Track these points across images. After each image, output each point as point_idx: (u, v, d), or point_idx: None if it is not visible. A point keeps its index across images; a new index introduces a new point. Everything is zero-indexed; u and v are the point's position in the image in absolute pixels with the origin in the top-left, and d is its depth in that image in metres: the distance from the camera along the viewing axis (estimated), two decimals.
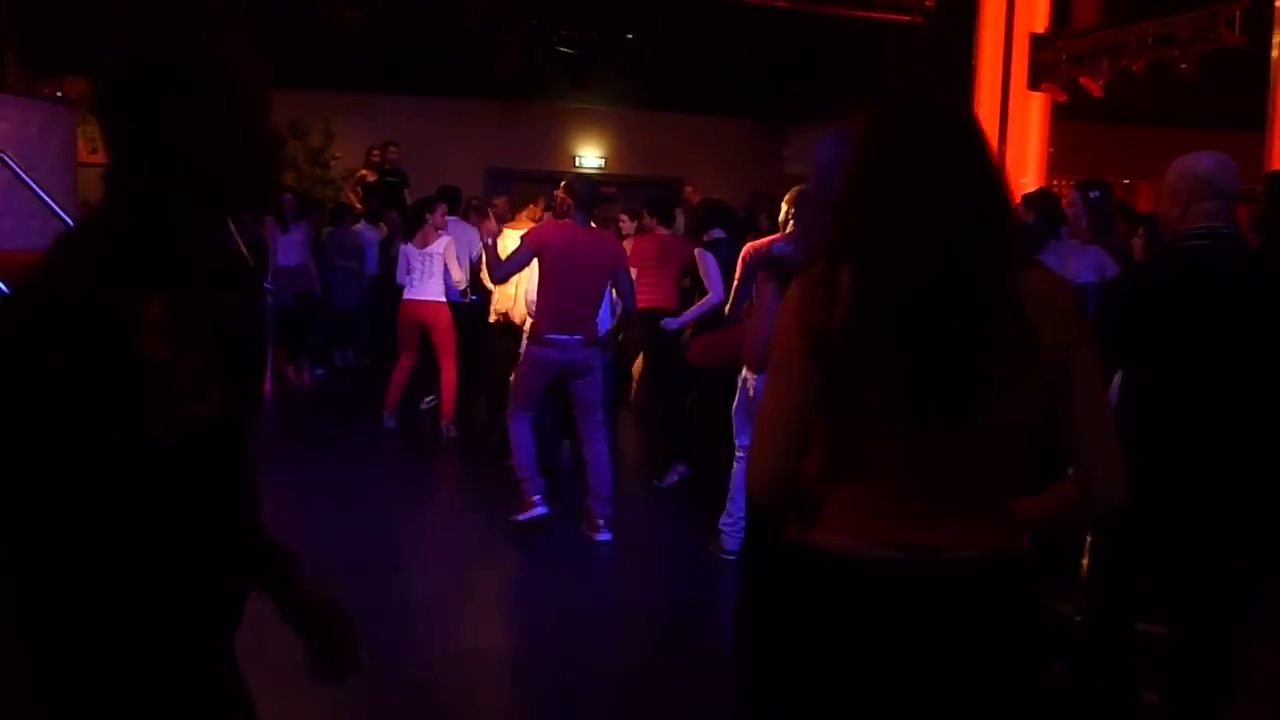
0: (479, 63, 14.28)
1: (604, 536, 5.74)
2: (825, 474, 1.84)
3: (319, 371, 10.63)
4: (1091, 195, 5.56)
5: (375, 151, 12.71)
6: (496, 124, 15.61)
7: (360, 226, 11.46)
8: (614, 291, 6.04)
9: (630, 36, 14.48)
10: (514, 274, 5.89)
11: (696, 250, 6.73)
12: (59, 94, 11.81)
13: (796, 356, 1.76)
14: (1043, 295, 1.75)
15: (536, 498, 5.70)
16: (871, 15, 11.47)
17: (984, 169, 1.81)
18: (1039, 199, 6.09)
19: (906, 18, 11.49)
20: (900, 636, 1.75)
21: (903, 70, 11.50)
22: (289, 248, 10.46)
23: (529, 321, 6.28)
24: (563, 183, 5.94)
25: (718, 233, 6.84)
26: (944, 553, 1.75)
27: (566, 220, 5.81)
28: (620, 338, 6.63)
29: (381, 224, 11.48)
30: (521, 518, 5.71)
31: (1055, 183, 9.75)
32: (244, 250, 10.35)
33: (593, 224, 5.95)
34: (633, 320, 5.82)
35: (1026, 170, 9.68)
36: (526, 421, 5.78)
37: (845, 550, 1.78)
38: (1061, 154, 10.40)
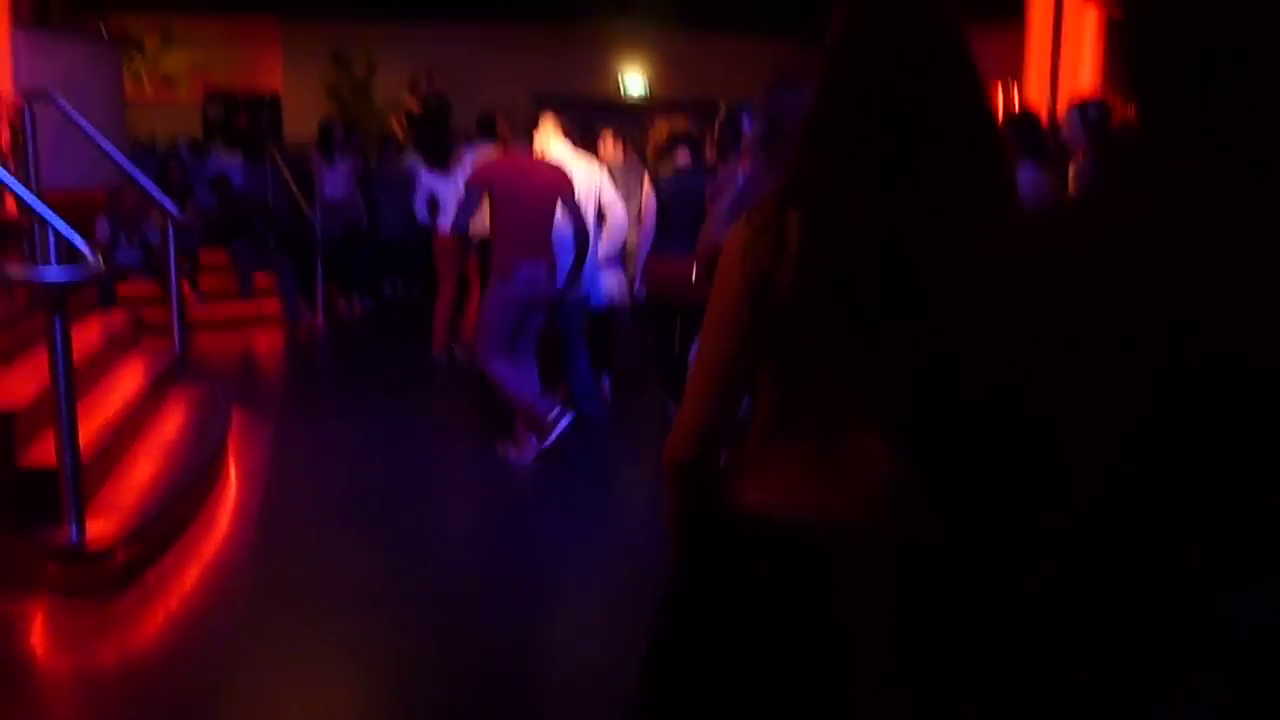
0: None
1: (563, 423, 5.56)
2: (764, 431, 1.65)
3: (368, 302, 10.71)
4: (1089, 115, 5.38)
5: (418, 80, 12.65)
6: (540, 49, 15.47)
7: (405, 157, 11.43)
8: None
9: None
10: (470, 216, 5.59)
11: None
12: (104, 32, 11.86)
13: (738, 306, 1.56)
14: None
15: (554, 411, 5.52)
16: None
17: (976, 97, 1.56)
18: (1017, 119, 6.07)
19: None
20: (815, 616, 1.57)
21: None
22: (335, 180, 10.48)
23: None
24: (499, 112, 5.71)
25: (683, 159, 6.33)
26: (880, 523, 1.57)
27: (509, 151, 5.59)
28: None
29: (424, 154, 11.43)
30: (549, 441, 5.52)
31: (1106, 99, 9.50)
32: (293, 186, 10.44)
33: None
34: (585, 246, 5.61)
35: (1081, 85, 9.45)
36: (500, 359, 5.57)
37: (782, 514, 1.59)
38: (1119, 68, 10.12)
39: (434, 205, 8.55)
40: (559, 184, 5.53)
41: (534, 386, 5.63)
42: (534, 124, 5.61)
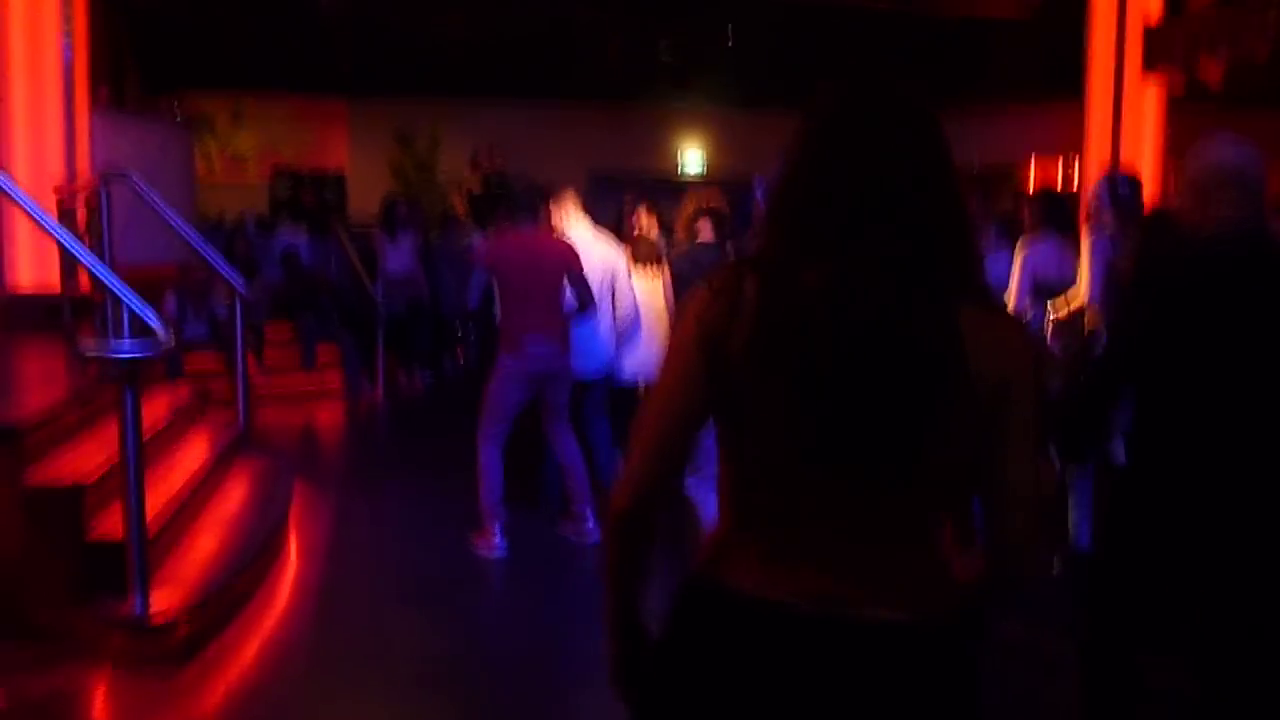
0: (582, 66, 14.40)
1: (591, 529, 5.61)
2: (731, 509, 1.63)
3: (428, 376, 10.79)
4: (1120, 189, 5.29)
5: (482, 157, 12.85)
6: (600, 127, 15.69)
7: (466, 233, 11.59)
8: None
9: (730, 39, 14.43)
10: (479, 294, 5.90)
11: None
12: (177, 113, 12.22)
13: (688, 362, 1.57)
14: (984, 329, 1.52)
15: (497, 532, 5.51)
16: (975, 14, 11.24)
17: (942, 182, 1.56)
18: (1039, 194, 6.37)
19: (1013, 14, 11.23)
20: (795, 698, 1.53)
21: (1009, 67, 11.27)
22: (398, 256, 10.63)
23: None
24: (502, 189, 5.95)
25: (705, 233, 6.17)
26: (854, 608, 1.53)
27: (514, 231, 5.69)
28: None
29: (488, 229, 11.59)
30: (481, 548, 5.50)
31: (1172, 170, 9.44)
32: (356, 261, 10.60)
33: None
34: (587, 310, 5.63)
35: (1143, 158, 9.38)
36: (495, 447, 5.58)
37: (757, 591, 1.55)
38: (1180, 140, 10.05)
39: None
40: (564, 258, 5.56)
41: (498, 490, 5.54)
42: (536, 203, 5.71)
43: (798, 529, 1.55)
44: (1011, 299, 5.68)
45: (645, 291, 6.19)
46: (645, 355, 6.33)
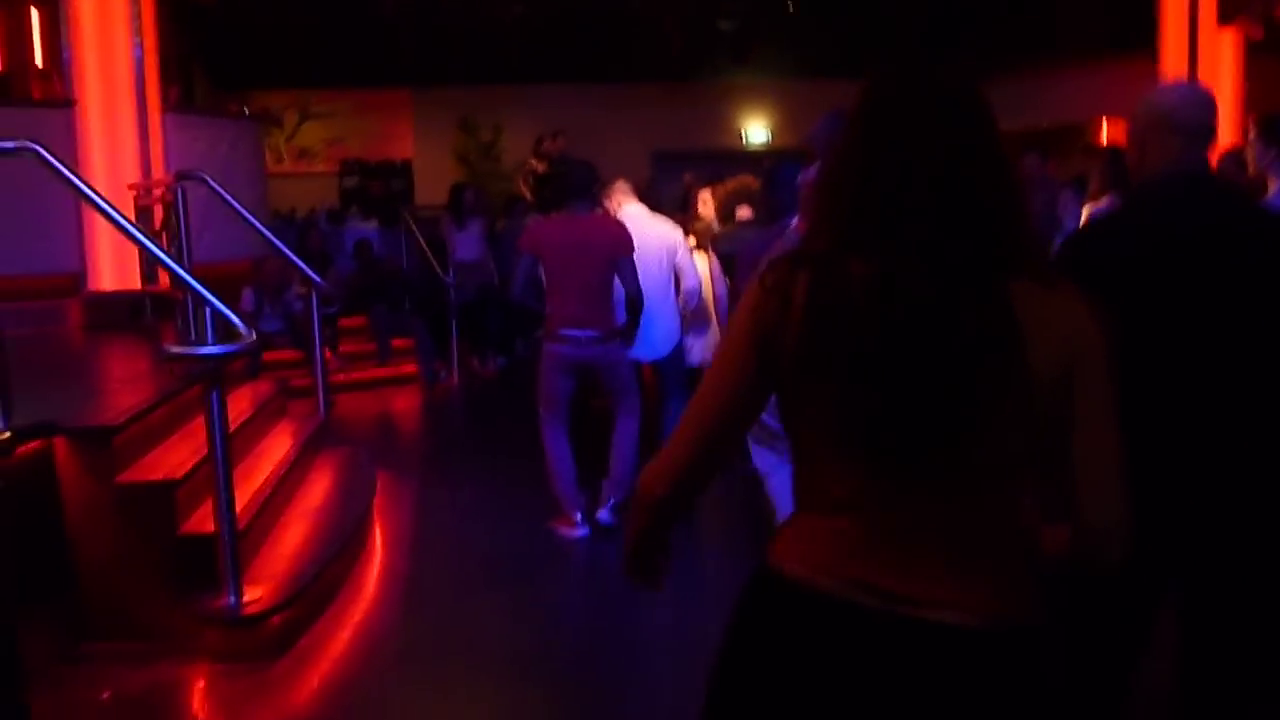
0: (642, 45, 14.34)
1: (604, 516, 5.48)
2: (798, 501, 1.64)
3: (501, 360, 10.85)
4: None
5: (544, 141, 12.87)
6: (662, 105, 15.63)
7: (532, 218, 11.61)
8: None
9: (791, 7, 14.27)
10: (522, 282, 5.58)
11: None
12: (245, 109, 12.37)
13: (740, 359, 1.57)
14: (1042, 312, 1.49)
15: (577, 516, 5.49)
16: None
17: (986, 161, 1.53)
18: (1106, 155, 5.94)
19: None
20: (863, 694, 1.51)
21: (1078, 23, 10.99)
22: (466, 243, 10.69)
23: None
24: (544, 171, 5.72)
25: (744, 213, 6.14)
26: (925, 609, 1.49)
27: (562, 214, 5.57)
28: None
29: (555, 213, 11.62)
30: (560, 531, 5.50)
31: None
32: (426, 248, 10.68)
33: (601, 208, 5.75)
34: (637, 309, 5.41)
35: (1221, 110, 9.13)
36: (559, 429, 5.54)
37: (825, 585, 1.54)
38: (1258, 92, 9.76)
39: None
40: (614, 243, 5.35)
41: (569, 476, 5.53)
42: (587, 184, 5.53)
43: (862, 522, 1.53)
44: None
45: (701, 274, 6.16)
46: (704, 338, 6.31)
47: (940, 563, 1.51)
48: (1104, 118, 14.24)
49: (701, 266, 6.16)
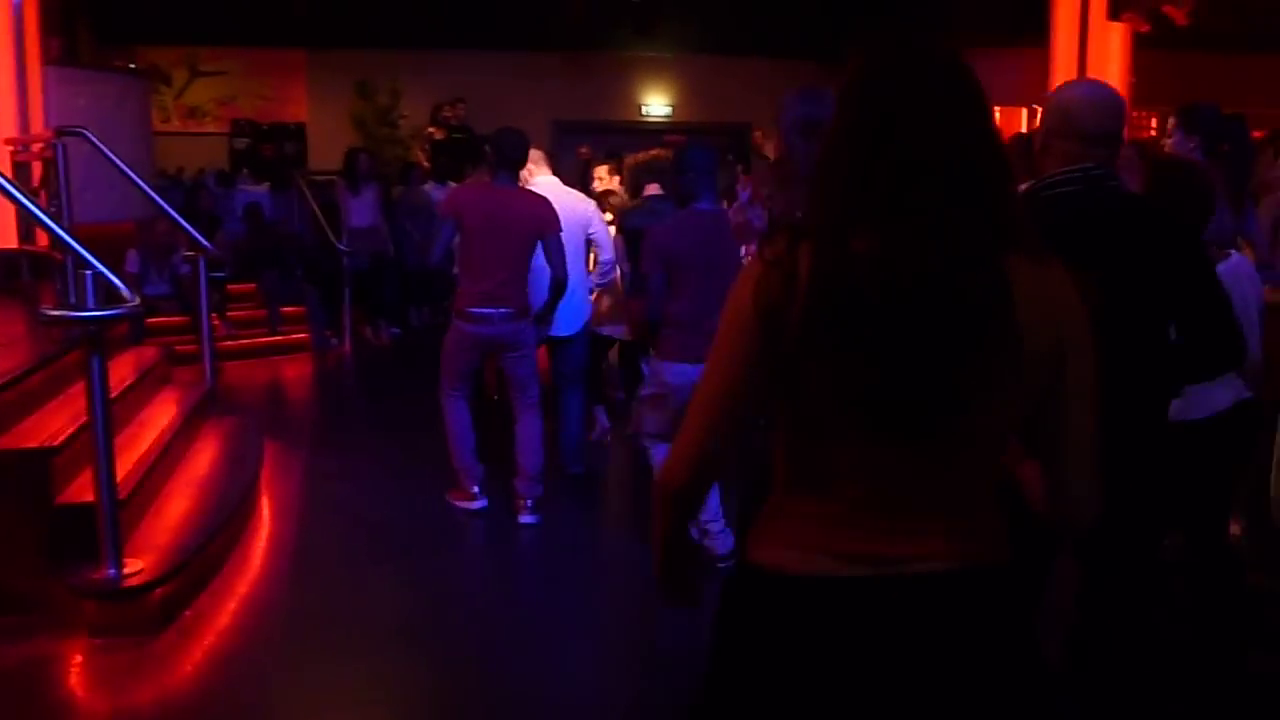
0: (544, 14, 14.20)
1: (528, 519, 5.24)
2: (783, 482, 1.65)
3: (395, 330, 10.72)
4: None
5: (444, 108, 12.71)
6: (563, 75, 15.52)
7: (428, 186, 11.48)
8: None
9: None
10: (444, 249, 5.28)
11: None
12: (132, 65, 11.97)
13: (747, 336, 1.56)
14: (1035, 286, 1.53)
15: (475, 488, 5.38)
16: None
17: (982, 132, 1.57)
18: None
19: None
20: (866, 660, 1.56)
21: (976, 6, 11.19)
22: (360, 209, 10.52)
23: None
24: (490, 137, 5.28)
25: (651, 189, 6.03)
26: (911, 565, 1.56)
27: (487, 180, 5.31)
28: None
29: (451, 182, 11.50)
30: (458, 504, 5.41)
31: (1137, 116, 9.45)
32: (319, 213, 10.48)
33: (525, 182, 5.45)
34: (560, 292, 5.19)
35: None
36: (460, 401, 5.35)
37: (801, 568, 1.59)
38: (1144, 86, 10.06)
39: None
40: (539, 221, 5.09)
41: (469, 446, 5.38)
42: (519, 154, 5.22)
43: (855, 495, 1.57)
44: None
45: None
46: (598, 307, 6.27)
47: (929, 523, 1.58)
48: (996, 107, 14.56)
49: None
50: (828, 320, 1.50)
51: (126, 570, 3.91)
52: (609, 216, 6.38)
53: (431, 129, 12.68)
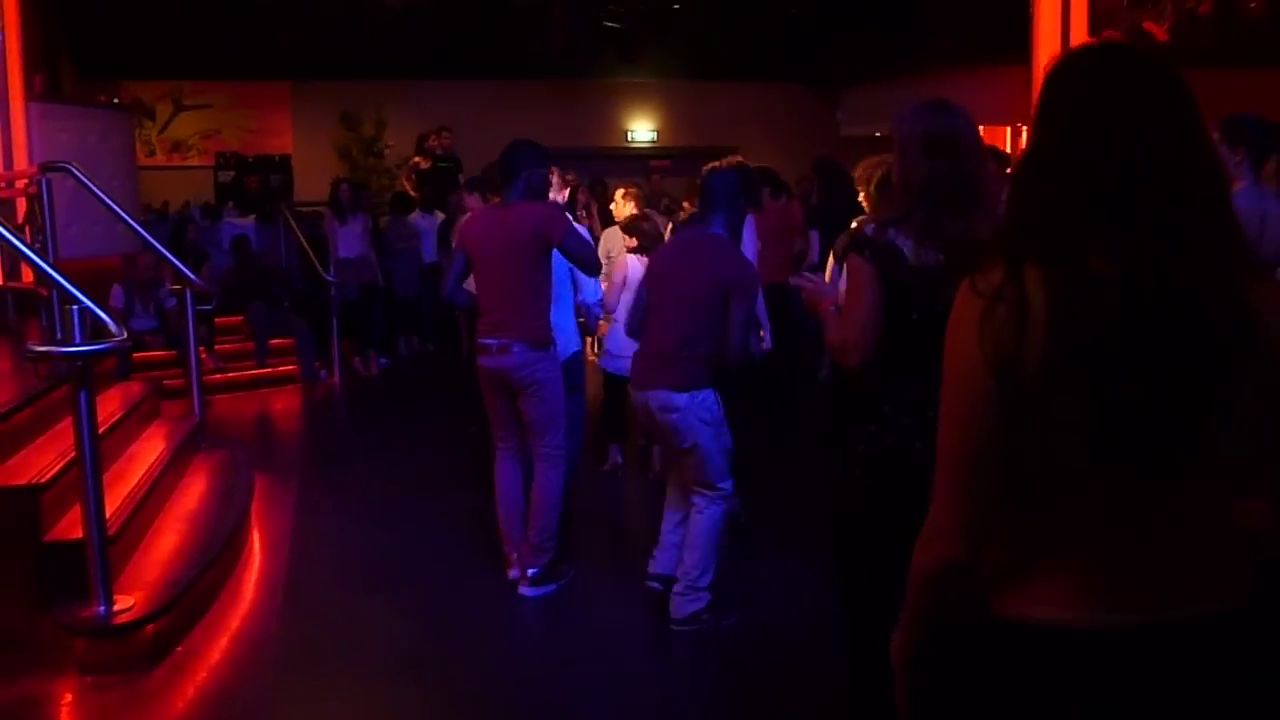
0: (527, 43, 14.26)
1: (527, 591, 4.69)
2: (1017, 535, 1.53)
3: (384, 361, 10.68)
4: None
5: (429, 138, 12.71)
6: (547, 103, 15.56)
7: (415, 216, 11.47)
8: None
9: (677, 6, 14.35)
10: (454, 281, 4.88)
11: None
12: (115, 100, 11.96)
13: (982, 387, 1.44)
14: (1265, 303, 1.43)
15: (514, 554, 4.80)
16: None
17: (1204, 143, 1.46)
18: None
19: None
20: (1137, 711, 1.47)
21: (956, 25, 11.26)
22: (348, 239, 10.50)
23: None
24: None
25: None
26: (1168, 613, 1.46)
27: (492, 204, 5.01)
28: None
29: (437, 211, 11.50)
30: (512, 575, 4.80)
31: None
32: (306, 245, 10.45)
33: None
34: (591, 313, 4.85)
35: None
36: (505, 457, 4.84)
37: (1059, 621, 1.47)
38: None
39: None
40: (537, 226, 4.57)
41: (505, 514, 4.84)
42: (514, 169, 4.71)
43: (1101, 541, 1.47)
44: None
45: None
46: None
47: (1184, 561, 1.48)
48: (979, 126, 14.61)
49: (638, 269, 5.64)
50: (1075, 352, 1.39)
51: (117, 607, 3.86)
52: (633, 243, 6.08)
53: (417, 158, 12.66)
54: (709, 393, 4.24)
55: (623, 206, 6.73)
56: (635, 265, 5.79)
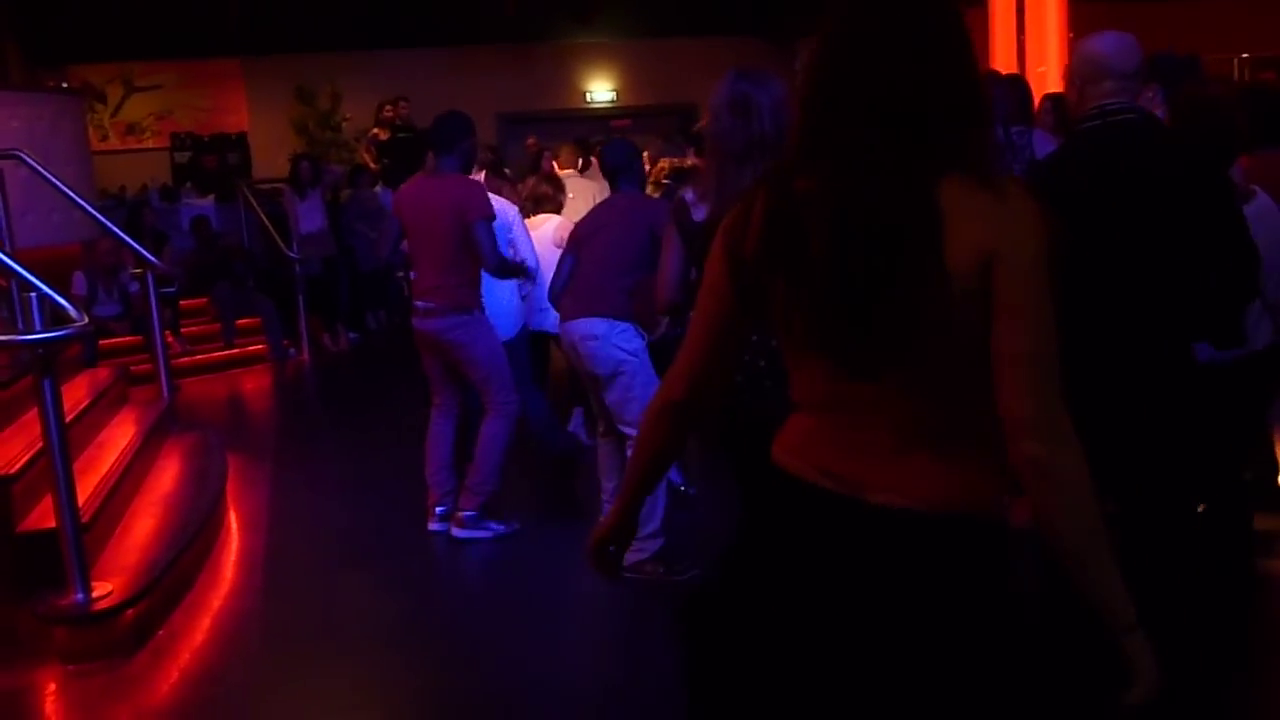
0: (480, 7, 14.11)
1: (458, 532, 4.93)
2: (792, 390, 1.73)
3: (353, 335, 10.62)
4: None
5: (386, 108, 12.59)
6: (505, 68, 15.43)
7: (378, 189, 11.37)
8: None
9: None
10: (390, 245, 5.22)
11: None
12: (64, 84, 11.77)
13: (715, 275, 1.72)
14: (968, 202, 1.48)
15: (438, 509, 5.03)
16: None
17: (940, 68, 1.55)
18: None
19: None
20: (825, 571, 1.61)
21: None
22: (309, 214, 10.41)
23: None
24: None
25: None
26: (873, 494, 1.56)
27: (425, 172, 5.08)
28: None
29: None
30: (431, 526, 5.05)
31: None
32: (267, 222, 10.36)
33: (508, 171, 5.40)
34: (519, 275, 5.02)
35: (1046, 59, 9.43)
36: (439, 415, 5.10)
37: (796, 471, 1.66)
38: (1082, 38, 10.11)
39: None
40: (457, 204, 4.72)
41: (433, 462, 5.07)
42: (449, 139, 4.85)
43: (825, 413, 1.66)
44: None
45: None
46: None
47: (885, 451, 1.58)
48: None
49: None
50: (771, 254, 1.61)
51: (95, 594, 3.84)
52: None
53: (375, 130, 12.54)
54: (629, 325, 4.37)
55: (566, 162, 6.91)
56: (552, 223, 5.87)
